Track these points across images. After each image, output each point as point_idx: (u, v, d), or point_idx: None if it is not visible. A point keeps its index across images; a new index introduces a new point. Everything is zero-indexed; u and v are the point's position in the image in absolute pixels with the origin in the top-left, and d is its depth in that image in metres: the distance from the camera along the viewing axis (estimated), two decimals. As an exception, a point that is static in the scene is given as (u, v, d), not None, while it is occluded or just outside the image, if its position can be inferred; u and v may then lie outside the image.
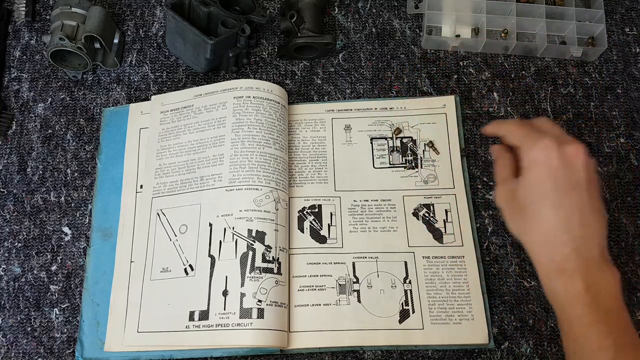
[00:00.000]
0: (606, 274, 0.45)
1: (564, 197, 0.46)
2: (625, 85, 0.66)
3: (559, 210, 0.46)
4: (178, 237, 0.57)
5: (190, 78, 0.67)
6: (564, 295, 0.45)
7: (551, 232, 0.46)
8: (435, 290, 0.56)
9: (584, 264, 0.45)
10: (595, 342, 0.44)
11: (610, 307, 0.45)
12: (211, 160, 0.59)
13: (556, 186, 0.46)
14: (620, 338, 0.44)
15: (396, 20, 0.69)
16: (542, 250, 0.47)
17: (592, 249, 0.46)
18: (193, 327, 0.53)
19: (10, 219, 0.61)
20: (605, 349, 0.43)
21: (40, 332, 0.57)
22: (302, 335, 0.55)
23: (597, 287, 0.45)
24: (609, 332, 0.44)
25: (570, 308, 0.45)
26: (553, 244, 0.46)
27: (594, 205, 0.47)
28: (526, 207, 0.47)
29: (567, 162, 0.46)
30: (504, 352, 0.55)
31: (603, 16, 0.67)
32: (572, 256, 0.45)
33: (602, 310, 0.44)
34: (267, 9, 0.69)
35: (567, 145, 0.46)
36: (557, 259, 0.46)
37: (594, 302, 0.44)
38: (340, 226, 0.59)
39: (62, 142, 0.64)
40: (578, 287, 0.44)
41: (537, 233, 0.47)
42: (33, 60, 0.67)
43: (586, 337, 0.44)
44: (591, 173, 0.48)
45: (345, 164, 0.62)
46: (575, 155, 0.46)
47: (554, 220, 0.46)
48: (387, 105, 0.64)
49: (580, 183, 0.46)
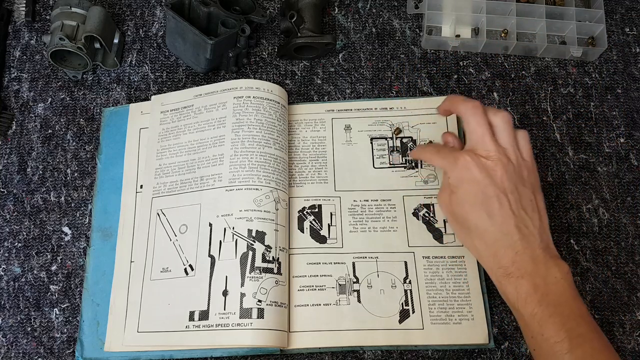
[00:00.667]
0: (553, 269, 0.47)
1: (495, 204, 0.48)
2: (625, 85, 0.66)
3: (493, 219, 0.48)
4: (178, 237, 0.57)
5: (190, 78, 0.67)
6: (515, 297, 0.47)
7: (492, 241, 0.49)
8: (435, 290, 0.56)
9: (529, 264, 0.47)
10: (550, 337, 0.45)
11: (561, 300, 0.46)
12: (211, 160, 0.59)
13: (485, 197, 0.49)
14: (575, 330, 0.45)
15: (396, 20, 0.69)
16: (489, 258, 0.49)
17: (535, 248, 0.48)
18: (193, 327, 0.53)
19: (10, 219, 0.61)
20: (560, 342, 0.45)
21: (40, 332, 0.57)
22: (302, 335, 0.55)
23: (545, 283, 0.46)
24: (562, 325, 0.45)
25: (522, 308, 0.47)
26: (496, 251, 0.48)
27: (528, 203, 0.49)
28: (464, 220, 0.50)
29: (487, 172, 0.49)
30: (504, 352, 0.55)
31: (603, 16, 0.67)
32: (516, 259, 0.47)
33: (552, 305, 0.46)
34: (267, 9, 0.69)
35: (484, 158, 0.49)
36: (504, 264, 0.48)
37: (544, 299, 0.46)
38: (340, 226, 0.59)
39: (62, 142, 0.64)
40: (526, 287, 0.47)
41: (479, 243, 0.50)
42: (33, 60, 0.67)
43: (542, 333, 0.46)
44: (524, 172, 0.50)
45: (345, 164, 0.62)
46: (493, 166, 0.49)
47: (491, 230, 0.49)
48: (387, 105, 0.64)
49: (505, 188, 0.49)
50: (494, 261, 0.49)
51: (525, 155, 0.51)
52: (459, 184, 0.50)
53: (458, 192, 0.50)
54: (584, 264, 0.59)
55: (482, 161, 0.49)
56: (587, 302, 0.57)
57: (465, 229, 0.51)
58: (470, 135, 0.51)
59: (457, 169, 0.50)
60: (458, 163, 0.50)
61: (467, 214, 0.50)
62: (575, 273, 0.58)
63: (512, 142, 0.50)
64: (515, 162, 0.50)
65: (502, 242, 0.48)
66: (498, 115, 0.51)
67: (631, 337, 0.56)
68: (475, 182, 0.49)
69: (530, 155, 0.51)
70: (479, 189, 0.49)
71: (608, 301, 0.57)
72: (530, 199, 0.50)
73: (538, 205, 0.50)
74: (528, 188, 0.50)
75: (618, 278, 0.58)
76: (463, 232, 0.51)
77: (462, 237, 0.52)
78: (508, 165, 0.49)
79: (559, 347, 0.44)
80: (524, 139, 0.52)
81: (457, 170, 0.50)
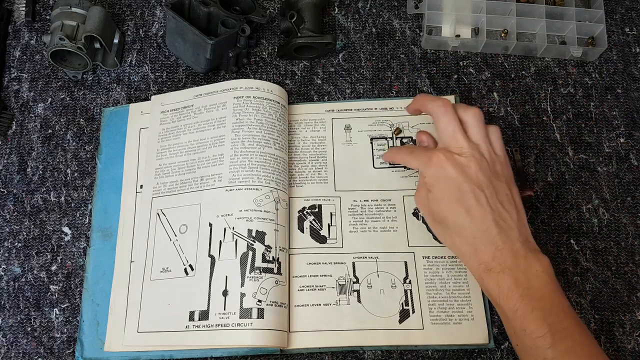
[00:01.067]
0: (533, 263, 0.47)
1: (472, 200, 0.48)
2: (625, 85, 0.66)
3: (471, 216, 0.48)
4: (178, 237, 0.57)
5: (190, 78, 0.67)
6: (497, 293, 0.47)
7: (471, 237, 0.48)
8: (435, 290, 0.56)
9: (510, 259, 0.47)
10: (532, 331, 0.45)
11: (543, 294, 0.46)
12: (211, 160, 0.59)
13: (461, 194, 0.49)
14: (557, 324, 0.45)
15: (396, 20, 0.69)
16: (469, 255, 0.49)
17: (514, 242, 0.48)
18: (193, 327, 0.53)
19: (10, 219, 0.61)
20: (543, 337, 0.44)
21: (40, 332, 0.57)
22: (302, 335, 0.55)
23: (526, 277, 0.46)
24: (544, 319, 0.45)
25: (504, 303, 0.47)
26: (476, 247, 0.48)
27: (504, 198, 0.49)
28: (442, 218, 0.50)
29: (462, 168, 0.49)
30: (504, 352, 0.55)
31: (603, 16, 0.67)
32: (496, 254, 0.47)
33: (534, 299, 0.45)
34: (267, 9, 0.69)
35: (457, 155, 0.49)
36: (484, 260, 0.48)
37: (525, 294, 0.46)
38: (340, 226, 0.59)
39: (62, 142, 0.64)
40: (508, 282, 0.46)
41: (459, 240, 0.49)
42: (33, 60, 0.67)
43: (524, 328, 0.45)
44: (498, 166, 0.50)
45: (345, 164, 0.62)
46: (467, 162, 0.49)
47: (469, 226, 0.48)
48: (387, 105, 0.64)
49: (481, 183, 0.49)
50: (474, 258, 0.48)
51: (498, 150, 0.51)
52: (434, 182, 0.50)
53: (434, 190, 0.50)
54: (584, 264, 0.59)
55: (456, 158, 0.49)
56: (587, 302, 0.57)
57: (444, 227, 0.50)
58: (441, 133, 0.51)
59: (432, 167, 0.50)
60: (432, 161, 0.50)
61: (444, 212, 0.50)
62: (575, 273, 0.58)
63: (484, 137, 0.51)
64: (489, 157, 0.50)
65: (482, 238, 0.48)
66: (468, 112, 0.51)
67: (631, 337, 0.56)
68: (450, 179, 0.49)
69: (502, 150, 0.52)
70: (455, 186, 0.49)
71: (608, 301, 0.57)
72: (506, 193, 0.50)
73: (514, 199, 0.50)
74: (503, 182, 0.50)
75: (618, 278, 0.58)
76: (442, 231, 0.51)
77: (442, 236, 0.52)
78: (481, 161, 0.49)
79: (541, 342, 0.44)
80: (495, 134, 0.52)
81: (432, 168, 0.50)
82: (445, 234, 0.51)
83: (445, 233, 0.51)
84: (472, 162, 0.49)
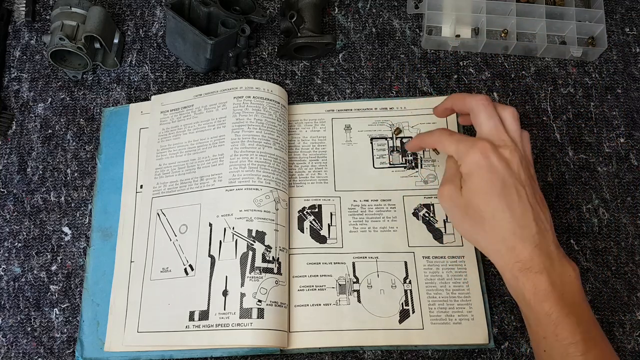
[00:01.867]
0: (567, 268, 0.46)
1: (514, 195, 0.46)
2: (625, 85, 0.66)
3: (512, 211, 0.46)
4: (178, 237, 0.57)
5: (190, 78, 0.67)
6: (532, 294, 0.45)
7: (509, 234, 0.46)
8: (435, 290, 0.56)
9: (547, 260, 0.45)
10: (565, 337, 0.44)
11: (575, 301, 0.45)
12: (211, 160, 0.59)
13: (504, 187, 0.46)
14: (588, 332, 0.44)
15: (396, 20, 0.69)
16: (505, 252, 0.46)
17: (550, 244, 0.46)
18: (193, 327, 0.53)
19: (10, 219, 0.61)
20: (575, 344, 0.43)
21: (40, 332, 0.57)
22: (302, 335, 0.55)
23: (561, 282, 0.45)
24: (577, 326, 0.44)
25: (538, 306, 0.45)
26: (515, 244, 0.46)
27: (539, 199, 0.48)
28: (476, 212, 0.47)
29: (506, 161, 0.47)
30: (504, 352, 0.55)
31: (603, 16, 0.67)
32: (535, 253, 0.45)
33: (568, 305, 0.44)
34: (267, 9, 0.70)
35: (501, 148, 0.47)
36: (522, 258, 0.46)
37: (561, 298, 0.44)
38: (340, 226, 0.59)
39: (62, 142, 0.64)
40: (545, 284, 0.45)
41: (494, 237, 0.47)
42: (33, 60, 0.67)
43: (556, 333, 0.44)
44: (530, 168, 0.49)
45: (345, 164, 0.62)
46: (511, 157, 0.47)
47: (509, 222, 0.46)
48: (387, 105, 0.64)
49: (522, 180, 0.47)
50: (511, 255, 0.46)
51: (528, 153, 0.51)
52: (475, 172, 0.47)
53: (472, 180, 0.47)
54: (584, 264, 0.59)
55: (501, 150, 0.47)
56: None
57: (477, 222, 0.47)
58: (482, 126, 0.49)
59: (475, 154, 0.47)
60: (476, 148, 0.47)
61: (482, 204, 0.47)
62: (575, 273, 0.58)
63: (519, 137, 0.50)
64: (525, 156, 0.49)
65: (521, 235, 0.46)
66: (507, 110, 0.50)
67: (631, 337, 0.56)
68: (494, 170, 0.46)
69: (531, 155, 0.51)
70: (498, 178, 0.46)
71: (608, 301, 0.57)
72: (540, 195, 0.49)
73: (545, 201, 0.49)
74: (537, 184, 0.49)
75: (618, 278, 0.58)
76: (475, 226, 0.48)
77: (473, 232, 0.49)
78: (523, 158, 0.48)
79: (573, 349, 0.43)
80: (526, 138, 0.51)
81: (474, 155, 0.47)
82: (478, 230, 0.48)
83: (478, 229, 0.48)
84: (516, 157, 0.47)
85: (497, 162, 0.46)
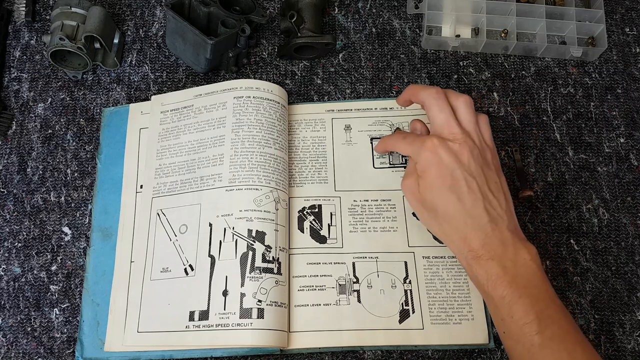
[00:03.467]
0: (521, 251, 0.47)
1: (464, 187, 0.48)
2: (625, 85, 0.66)
3: (463, 202, 0.48)
4: (178, 237, 0.57)
5: (190, 78, 0.67)
6: (485, 280, 0.47)
7: (461, 224, 0.48)
8: (435, 290, 0.56)
9: (499, 246, 0.47)
10: (519, 318, 0.45)
11: (530, 282, 0.46)
12: (211, 160, 0.59)
13: (453, 180, 0.49)
14: (544, 311, 0.45)
15: (396, 20, 0.69)
16: (458, 242, 0.49)
17: (503, 230, 0.48)
18: (193, 327, 0.53)
19: (10, 219, 0.61)
20: (529, 323, 0.45)
21: (40, 332, 0.57)
22: (302, 335, 0.55)
23: (514, 265, 0.47)
24: (531, 306, 0.45)
25: (492, 290, 0.47)
26: (466, 234, 0.48)
27: (494, 186, 0.50)
28: (431, 205, 0.50)
29: (455, 155, 0.49)
30: (504, 352, 0.55)
31: (603, 16, 0.67)
32: (486, 241, 0.47)
33: (521, 286, 0.46)
34: (267, 9, 0.70)
35: (450, 142, 0.49)
36: (474, 247, 0.48)
37: (513, 281, 0.46)
38: (340, 226, 0.59)
39: (62, 142, 0.64)
40: (496, 269, 0.47)
41: (448, 227, 0.49)
42: (33, 60, 0.67)
43: (511, 315, 0.46)
44: (487, 154, 0.51)
45: (345, 164, 0.62)
46: (459, 149, 0.49)
47: (460, 213, 0.48)
48: (387, 105, 0.64)
49: (472, 171, 0.49)
50: (463, 245, 0.48)
51: (487, 138, 0.52)
52: (426, 168, 0.50)
53: (426, 176, 0.50)
54: (584, 264, 0.59)
55: (449, 144, 0.49)
56: (587, 302, 0.57)
57: (434, 215, 0.50)
58: (434, 120, 0.51)
59: (425, 152, 0.50)
60: (425, 147, 0.50)
61: (435, 198, 0.50)
62: (575, 273, 0.58)
63: (474, 125, 0.51)
64: (479, 145, 0.51)
65: (472, 225, 0.48)
66: (460, 99, 0.51)
67: (631, 337, 0.56)
68: (443, 165, 0.49)
69: (491, 139, 0.52)
70: (447, 172, 0.49)
71: (608, 301, 0.57)
72: (496, 181, 0.50)
73: (503, 188, 0.51)
74: (493, 170, 0.51)
75: (618, 278, 0.58)
76: (431, 218, 0.51)
77: (430, 224, 0.52)
78: (473, 148, 0.50)
79: (528, 329, 0.45)
80: (484, 123, 0.53)
81: (425, 153, 0.50)
82: (434, 222, 0.51)
83: (434, 221, 0.51)
84: (465, 148, 0.49)
85: (446, 156, 0.49)
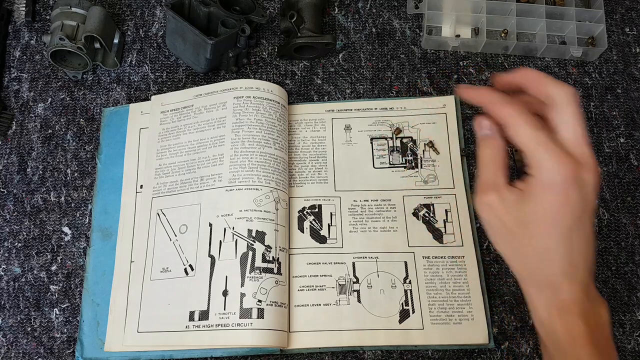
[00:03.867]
0: (601, 307, 0.41)
1: (577, 229, 0.38)
2: (625, 85, 0.66)
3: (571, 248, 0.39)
4: (178, 237, 0.57)
5: (190, 78, 0.67)
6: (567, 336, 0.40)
7: (560, 269, 0.39)
8: (435, 290, 0.56)
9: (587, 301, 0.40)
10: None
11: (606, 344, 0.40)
12: (211, 160, 0.59)
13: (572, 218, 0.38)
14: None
15: (396, 20, 0.69)
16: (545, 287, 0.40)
17: (590, 283, 0.40)
18: (193, 327, 0.53)
19: (10, 219, 0.61)
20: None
21: (40, 332, 0.57)
22: (302, 335, 0.55)
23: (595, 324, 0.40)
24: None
25: (571, 348, 0.39)
26: (560, 281, 0.39)
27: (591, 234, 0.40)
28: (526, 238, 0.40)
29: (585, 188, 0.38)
30: (504, 352, 0.55)
31: (603, 16, 0.67)
32: (580, 295, 0.39)
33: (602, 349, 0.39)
34: (267, 9, 0.69)
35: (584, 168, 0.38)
36: (565, 297, 0.39)
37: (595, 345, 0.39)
38: (340, 226, 0.59)
39: (62, 142, 0.64)
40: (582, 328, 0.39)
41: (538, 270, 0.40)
42: (33, 60, 0.67)
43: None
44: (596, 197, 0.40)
45: (345, 164, 0.62)
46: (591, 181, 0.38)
47: (562, 259, 0.39)
48: (387, 105, 0.64)
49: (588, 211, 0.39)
50: (552, 294, 0.40)
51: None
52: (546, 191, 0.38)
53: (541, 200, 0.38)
54: (584, 264, 0.59)
55: (583, 173, 0.38)
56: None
57: (523, 248, 0.40)
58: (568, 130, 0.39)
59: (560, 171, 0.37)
60: (564, 164, 0.37)
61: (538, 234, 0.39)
62: (575, 273, 0.58)
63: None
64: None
65: (571, 274, 0.39)
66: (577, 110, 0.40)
67: (631, 337, 0.56)
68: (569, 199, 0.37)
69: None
70: (571, 210, 0.38)
71: (608, 301, 0.57)
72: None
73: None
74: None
75: (618, 278, 0.58)
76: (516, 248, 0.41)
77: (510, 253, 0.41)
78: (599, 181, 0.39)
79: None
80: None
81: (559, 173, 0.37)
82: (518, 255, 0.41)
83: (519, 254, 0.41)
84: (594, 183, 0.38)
85: (577, 189, 0.37)
